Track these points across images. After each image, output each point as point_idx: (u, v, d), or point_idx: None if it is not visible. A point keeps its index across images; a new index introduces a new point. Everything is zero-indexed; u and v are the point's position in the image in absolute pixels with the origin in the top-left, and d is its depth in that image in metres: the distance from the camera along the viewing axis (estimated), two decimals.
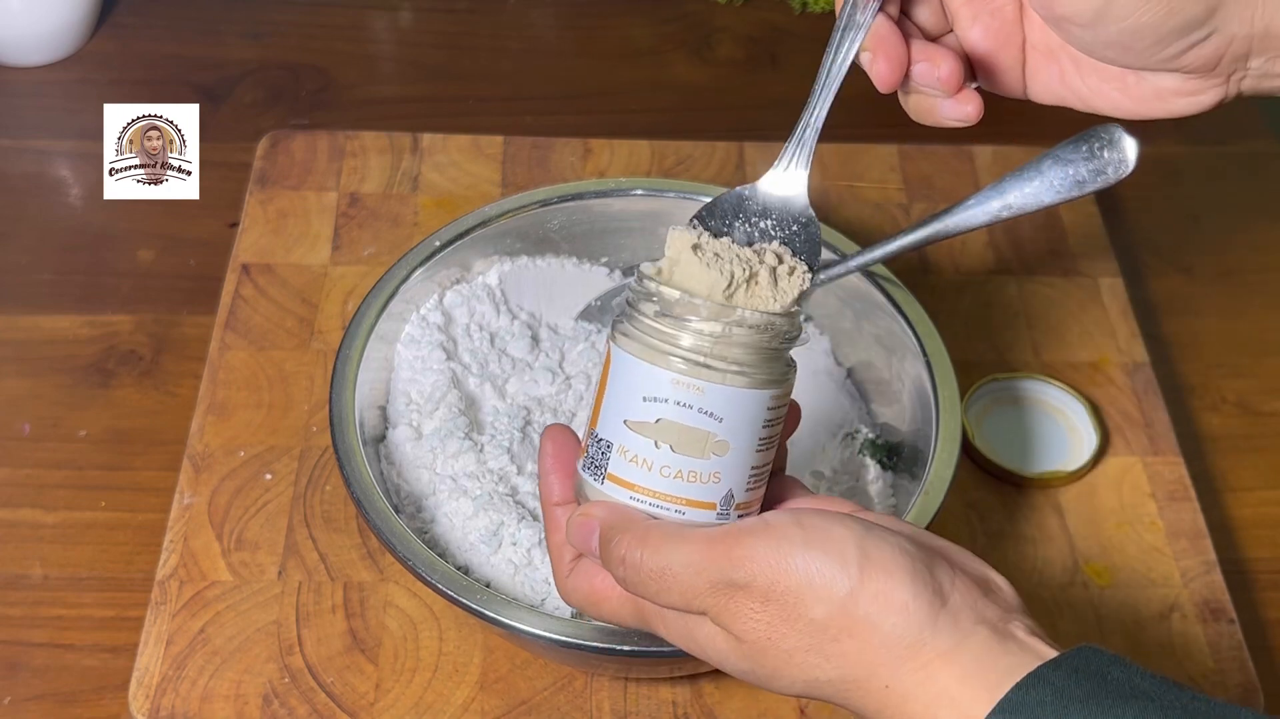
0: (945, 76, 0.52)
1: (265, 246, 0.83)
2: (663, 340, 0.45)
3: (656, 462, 0.45)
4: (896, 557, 0.43)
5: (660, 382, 0.45)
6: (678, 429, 0.45)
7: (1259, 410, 0.82)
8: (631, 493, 0.46)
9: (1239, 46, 0.50)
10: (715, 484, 0.46)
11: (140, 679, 0.64)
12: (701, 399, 0.45)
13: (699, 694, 0.66)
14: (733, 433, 0.45)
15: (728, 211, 0.57)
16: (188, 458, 0.72)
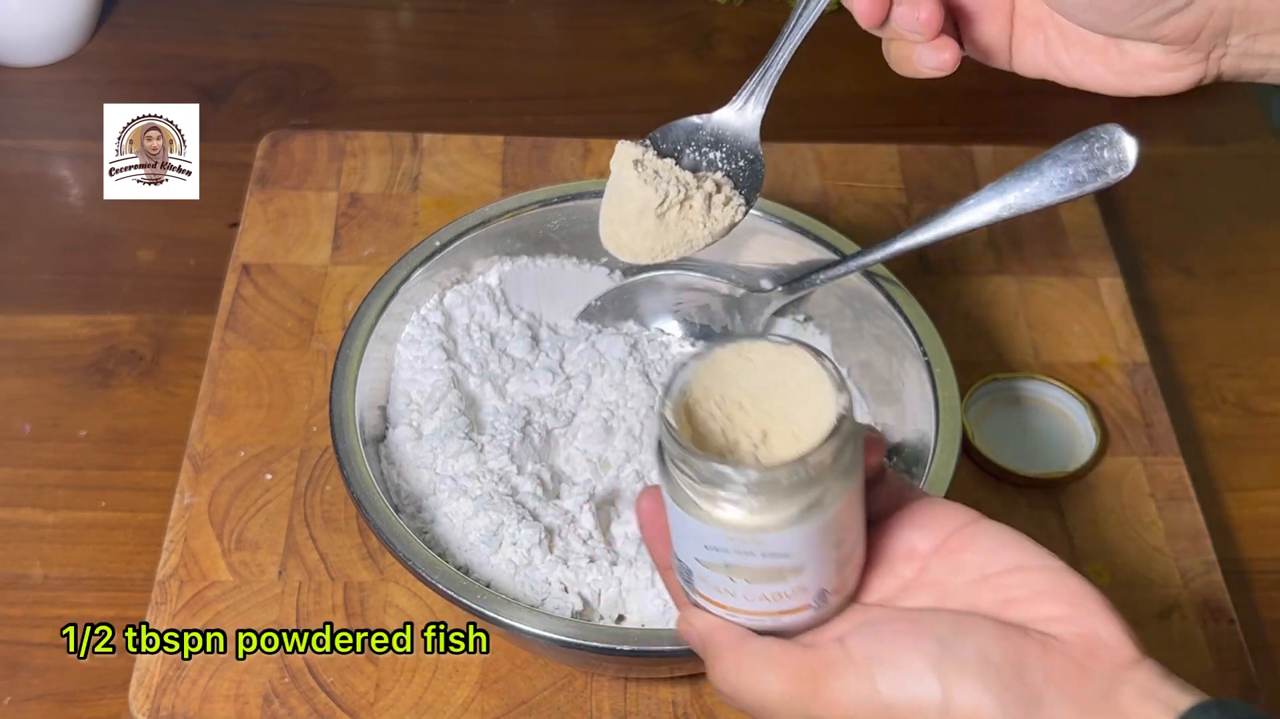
0: (925, 19, 0.51)
1: (265, 246, 0.83)
2: (704, 498, 0.42)
3: (737, 591, 0.44)
4: (980, 671, 0.41)
5: (715, 537, 0.43)
6: (747, 570, 0.43)
7: (1259, 410, 0.82)
8: (722, 611, 0.45)
9: (1219, 19, 0.49)
10: (803, 594, 0.44)
11: (140, 679, 0.64)
12: (760, 547, 0.42)
13: (699, 694, 0.66)
14: (806, 558, 0.43)
15: (680, 137, 0.58)
16: (188, 458, 0.72)
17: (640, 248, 0.60)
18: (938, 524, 0.46)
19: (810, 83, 1.01)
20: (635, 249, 0.60)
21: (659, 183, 0.57)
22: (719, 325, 0.75)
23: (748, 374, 0.44)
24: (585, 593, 0.63)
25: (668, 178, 0.57)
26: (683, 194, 0.57)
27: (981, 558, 0.44)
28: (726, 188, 0.58)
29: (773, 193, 0.85)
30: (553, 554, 0.64)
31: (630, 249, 0.60)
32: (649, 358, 0.73)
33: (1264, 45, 0.50)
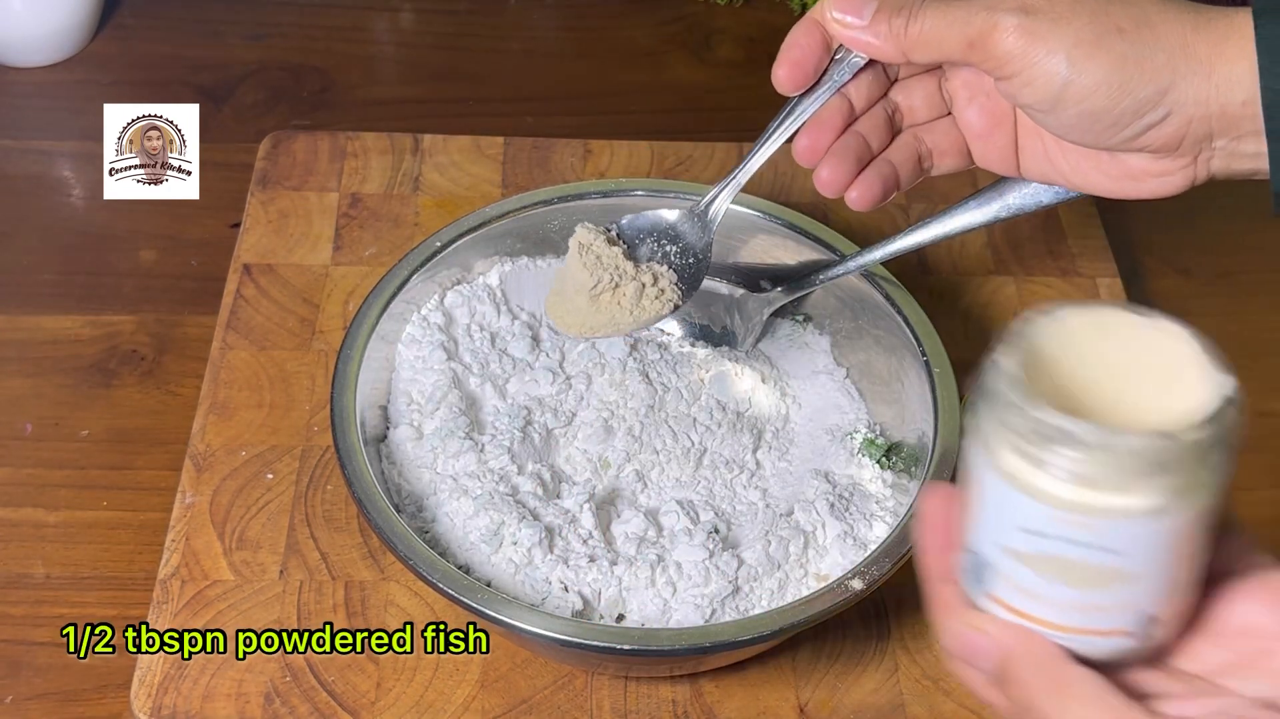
0: (824, 179, 0.57)
1: (267, 247, 0.83)
2: (1035, 464, 0.36)
3: (1046, 593, 0.37)
4: None
5: (1038, 514, 0.36)
6: (1068, 564, 0.37)
7: (1259, 410, 0.82)
8: (1022, 619, 0.38)
9: (1199, 127, 0.51)
10: (1124, 613, 0.38)
11: (142, 678, 0.64)
12: (1093, 535, 0.36)
13: (699, 693, 0.66)
14: (1143, 563, 0.36)
15: (643, 227, 0.65)
16: (189, 457, 0.72)
17: (571, 322, 0.65)
18: None
19: None
20: (567, 322, 0.65)
21: (598, 268, 0.63)
22: (719, 325, 0.75)
23: (1102, 344, 0.38)
24: (585, 592, 0.63)
25: (608, 265, 0.63)
26: (615, 282, 0.63)
27: None
28: (665, 281, 0.64)
29: (773, 193, 0.86)
30: (553, 554, 0.64)
31: (563, 321, 0.65)
32: (649, 358, 0.73)
33: (1248, 146, 0.51)
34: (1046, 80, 0.50)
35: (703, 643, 0.58)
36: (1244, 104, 0.50)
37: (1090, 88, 0.50)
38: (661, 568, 0.63)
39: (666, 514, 0.67)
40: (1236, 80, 0.49)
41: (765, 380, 0.74)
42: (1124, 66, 0.49)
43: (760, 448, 0.71)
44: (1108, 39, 0.49)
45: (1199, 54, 0.50)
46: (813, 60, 0.56)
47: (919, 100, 0.58)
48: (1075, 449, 0.35)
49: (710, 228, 0.65)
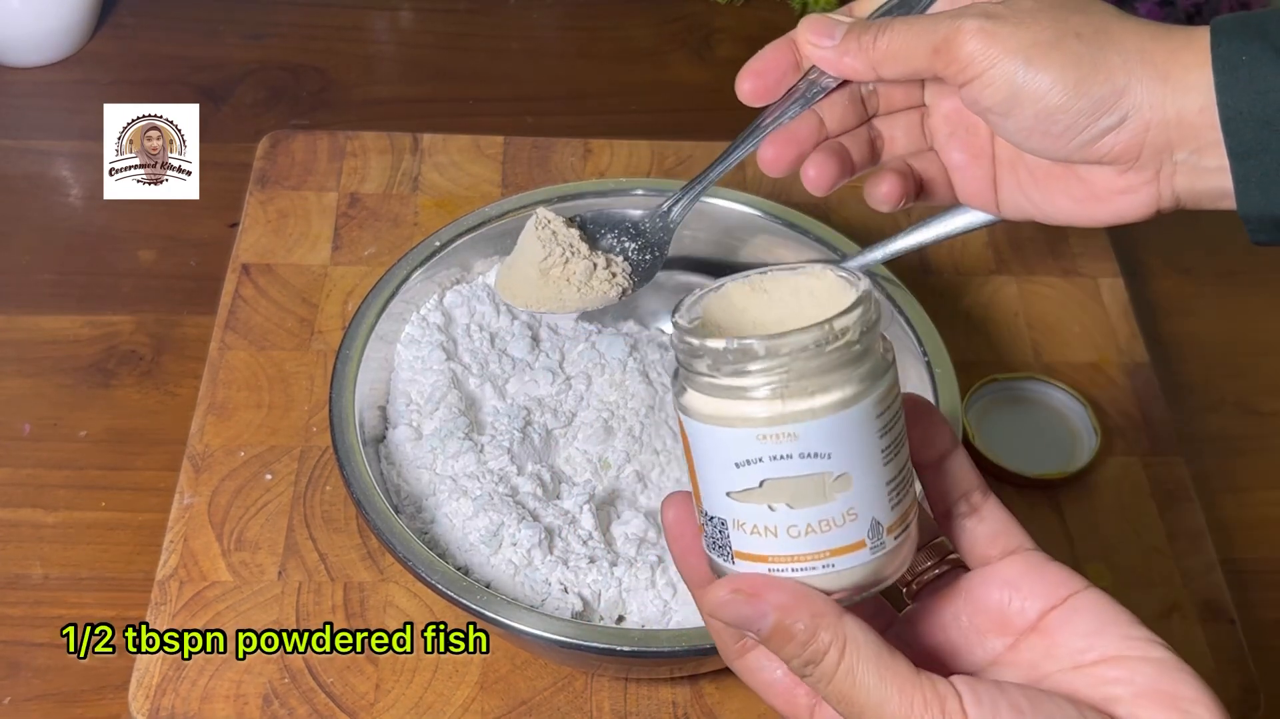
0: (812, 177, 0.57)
1: (265, 247, 0.83)
2: (728, 396, 0.39)
3: (780, 525, 0.40)
4: None
5: (746, 442, 0.39)
6: (787, 484, 0.39)
7: (1259, 410, 0.82)
8: (767, 565, 0.40)
9: (1157, 135, 0.51)
10: (854, 522, 0.40)
11: (140, 679, 0.64)
12: (798, 444, 0.39)
13: (699, 694, 0.66)
14: (850, 462, 0.39)
15: (607, 222, 0.67)
16: (188, 458, 0.72)
17: (518, 293, 0.66)
18: (1039, 591, 0.42)
19: None
20: (514, 293, 0.67)
21: (551, 243, 0.65)
22: None
23: (763, 307, 0.42)
24: (585, 593, 0.63)
25: (562, 241, 0.65)
26: (566, 258, 0.65)
27: (1080, 642, 0.41)
28: (616, 267, 0.66)
29: (773, 193, 0.85)
30: (553, 555, 0.64)
31: (510, 292, 0.67)
32: (649, 358, 0.73)
33: (1210, 160, 0.51)
34: (1005, 79, 0.51)
35: (703, 644, 0.58)
36: (1200, 111, 0.50)
37: (1046, 86, 0.51)
38: (661, 569, 0.63)
39: None
40: (1192, 85, 0.50)
41: None
42: (1080, 65, 0.50)
43: None
44: (1065, 41, 0.51)
45: (1155, 59, 0.51)
46: (776, 74, 0.57)
47: (900, 133, 0.59)
48: (756, 365, 0.38)
49: (670, 229, 0.66)
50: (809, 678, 0.40)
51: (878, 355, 0.40)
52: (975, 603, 0.43)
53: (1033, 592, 0.42)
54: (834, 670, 0.40)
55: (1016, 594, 0.43)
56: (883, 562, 0.41)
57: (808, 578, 0.40)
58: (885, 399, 0.40)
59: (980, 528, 0.44)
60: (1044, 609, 0.42)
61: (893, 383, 0.40)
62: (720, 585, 0.41)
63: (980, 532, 0.44)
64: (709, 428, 0.40)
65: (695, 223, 0.75)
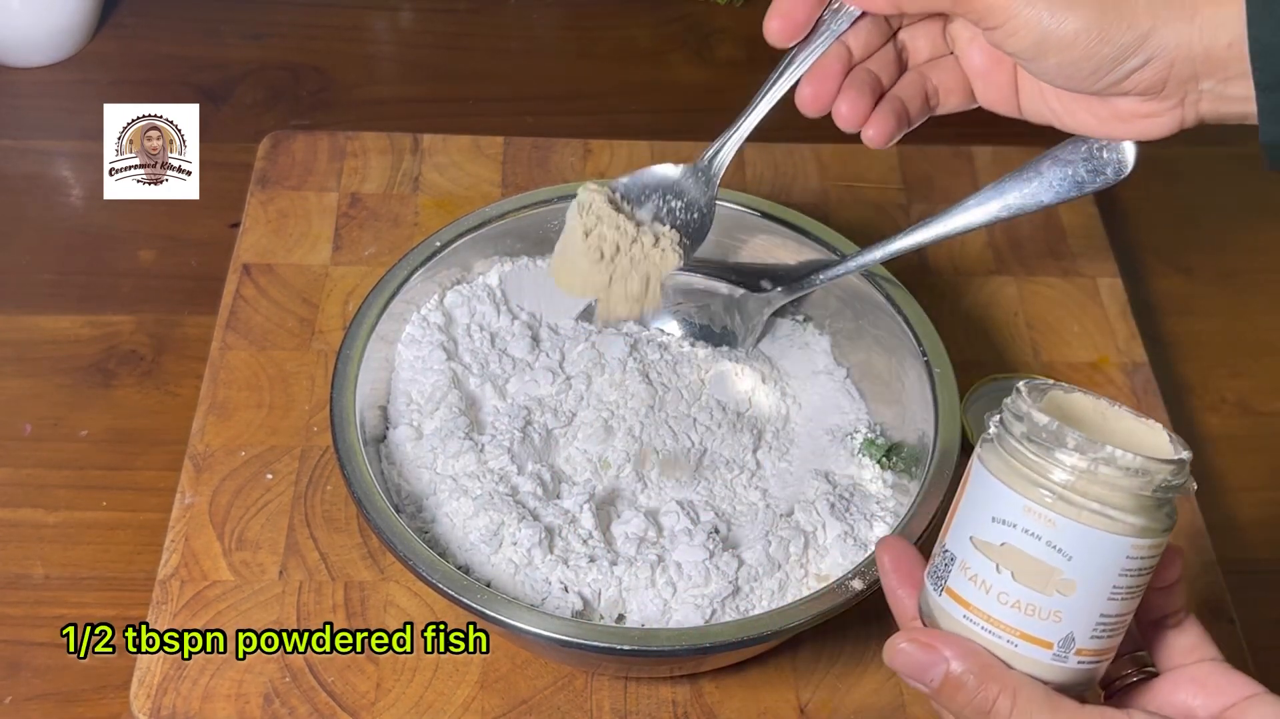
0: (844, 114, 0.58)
1: (266, 247, 0.83)
2: (1023, 464, 0.43)
3: (995, 586, 0.43)
4: None
5: (1012, 504, 0.43)
6: (1022, 558, 0.43)
7: (1258, 410, 0.82)
8: (965, 611, 0.44)
9: (1182, 69, 0.52)
10: (1055, 623, 0.43)
11: (141, 679, 0.64)
12: (1052, 532, 0.42)
13: (699, 693, 0.66)
14: (1083, 575, 0.43)
15: (649, 184, 0.67)
16: (189, 458, 0.72)
17: (575, 283, 0.67)
18: (1222, 691, 0.47)
19: None
20: (571, 284, 0.67)
21: (598, 228, 0.65)
22: (719, 325, 0.75)
23: (1094, 420, 0.46)
24: (585, 593, 0.63)
25: (609, 225, 0.65)
26: (616, 244, 0.65)
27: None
28: (666, 241, 0.66)
29: (773, 193, 0.86)
30: (553, 554, 0.64)
31: (567, 283, 0.67)
32: (649, 358, 0.73)
33: (1236, 89, 0.52)
34: (1028, 29, 0.51)
35: (703, 643, 0.58)
36: (1229, 45, 0.50)
37: (1070, 36, 0.51)
38: (661, 568, 0.63)
39: (666, 514, 0.67)
40: (1221, 23, 0.50)
41: (765, 380, 0.73)
42: (1104, 14, 0.50)
43: (760, 448, 0.71)
44: None
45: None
46: (804, 12, 0.58)
47: (923, 41, 0.60)
48: (1060, 449, 0.42)
49: (714, 182, 0.66)
50: None
51: (1160, 515, 0.44)
52: (1163, 699, 0.48)
53: (1218, 690, 0.47)
54: (1008, 716, 0.43)
55: (1202, 692, 0.47)
56: (1061, 673, 0.44)
57: (991, 643, 0.44)
58: (1143, 550, 0.43)
59: (1180, 639, 0.49)
60: (1225, 706, 0.46)
61: (1158, 544, 0.44)
62: (900, 636, 0.45)
63: (1180, 643, 0.49)
64: (990, 478, 0.44)
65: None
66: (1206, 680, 0.47)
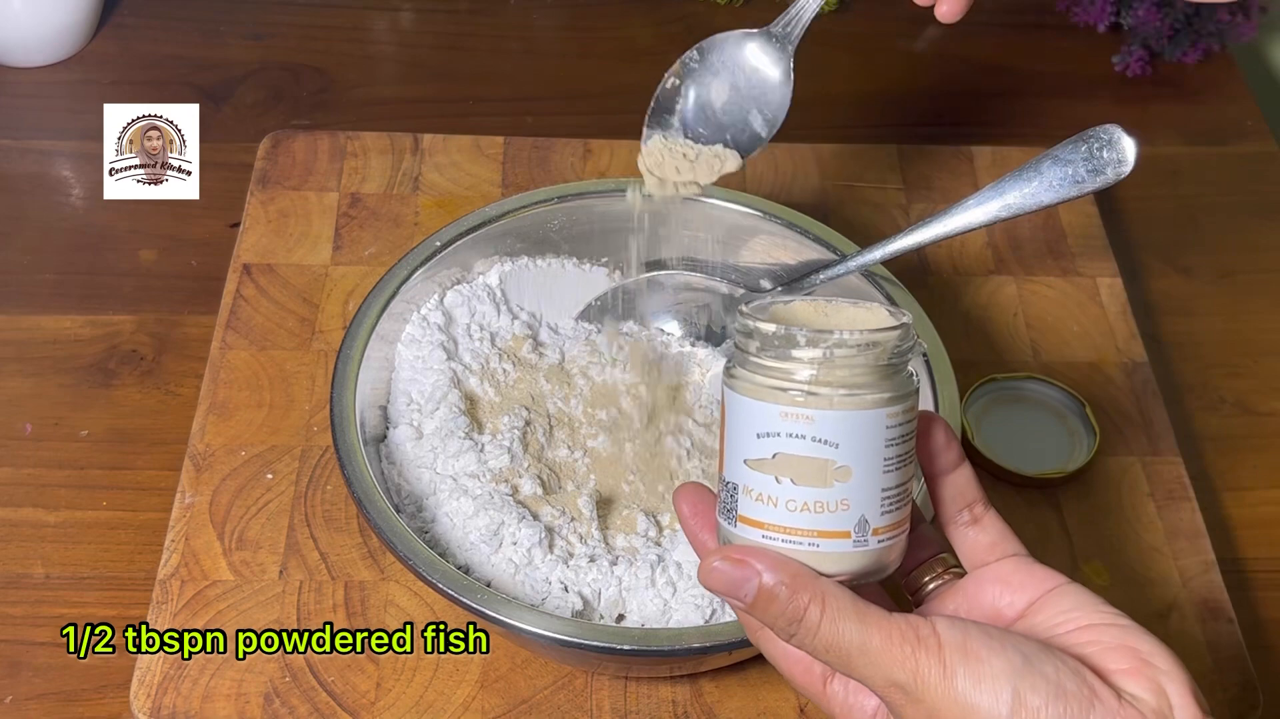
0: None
1: (266, 247, 0.83)
2: (766, 375, 0.44)
3: (781, 497, 0.44)
4: (1053, 693, 0.42)
5: (770, 416, 0.44)
6: (795, 461, 0.44)
7: (1258, 410, 0.82)
8: (762, 531, 0.45)
9: None
10: (845, 512, 0.44)
11: (142, 678, 0.64)
12: (813, 428, 0.44)
13: (699, 693, 0.66)
14: (854, 458, 0.44)
15: (715, 65, 0.70)
16: (189, 457, 0.72)
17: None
18: (1025, 586, 0.47)
19: (810, 83, 1.01)
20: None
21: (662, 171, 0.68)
22: (719, 325, 0.75)
23: (819, 320, 0.47)
24: (585, 592, 0.63)
25: (671, 162, 0.68)
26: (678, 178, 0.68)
27: (1058, 618, 0.46)
28: (728, 158, 0.68)
29: (773, 193, 0.86)
30: (553, 553, 0.64)
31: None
32: (649, 357, 0.73)
33: None
34: None
35: (703, 643, 0.58)
36: None
37: None
38: (661, 568, 0.63)
39: (666, 514, 0.67)
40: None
41: None
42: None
43: None
44: None
45: None
46: None
47: None
48: (794, 348, 0.44)
49: (789, 49, 0.67)
50: (795, 638, 0.44)
51: (901, 379, 0.45)
52: (971, 599, 0.48)
53: (1022, 586, 0.47)
54: (817, 625, 0.43)
55: (1007, 589, 0.47)
56: (865, 558, 0.45)
57: (794, 551, 0.45)
58: (898, 417, 0.45)
59: (980, 536, 0.49)
60: (1031, 600, 0.47)
61: (909, 407, 0.45)
62: (711, 554, 0.45)
63: (980, 540, 0.49)
64: (744, 399, 0.45)
65: (695, 223, 0.75)
66: (1010, 577, 0.47)
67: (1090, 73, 1.03)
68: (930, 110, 0.99)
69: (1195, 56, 1.02)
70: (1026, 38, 1.05)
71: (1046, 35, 1.06)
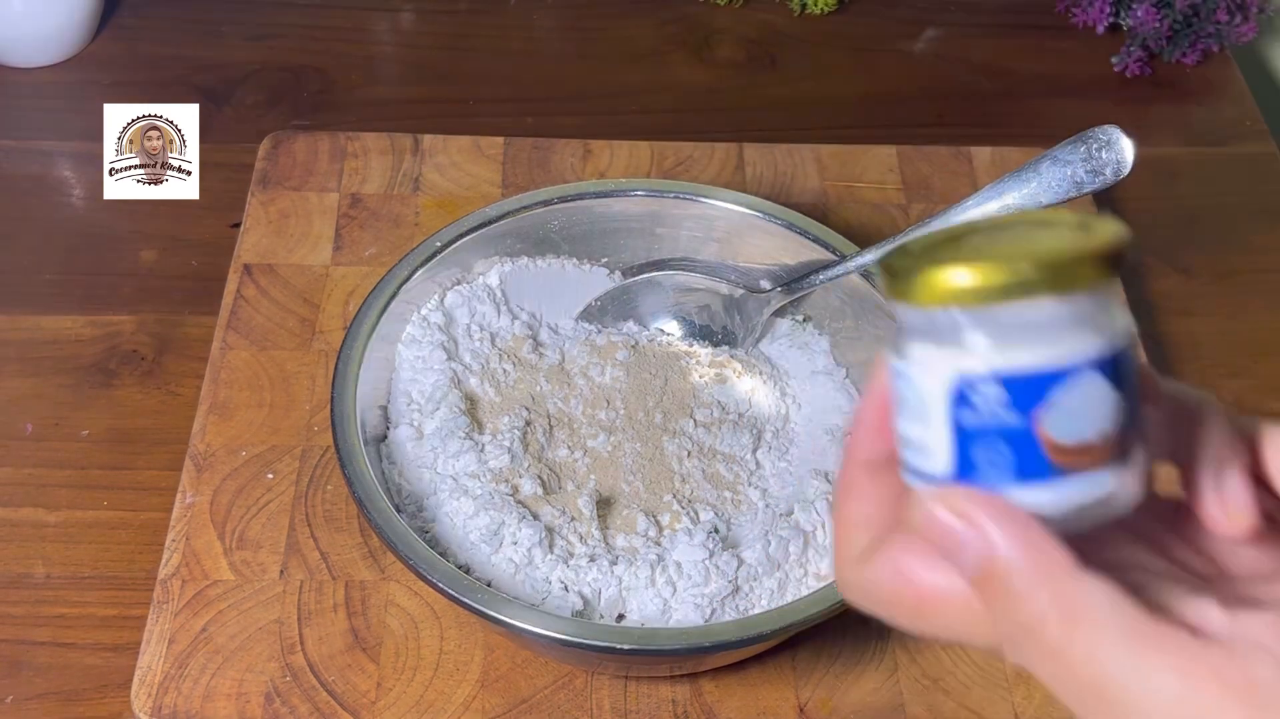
0: None
1: (267, 247, 0.83)
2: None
3: None
4: None
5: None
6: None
7: (1257, 411, 0.82)
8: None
9: None
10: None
11: (143, 678, 0.64)
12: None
13: (699, 692, 0.66)
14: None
15: None
16: (190, 457, 0.72)
17: None
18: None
19: (810, 83, 1.02)
20: None
21: None
22: (719, 325, 0.75)
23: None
24: (585, 592, 0.63)
25: None
26: None
27: None
28: None
29: (773, 193, 0.86)
30: (553, 553, 0.64)
31: None
32: (649, 358, 0.73)
33: None
34: None
35: (703, 643, 0.59)
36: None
37: None
38: (661, 567, 0.63)
39: (666, 514, 0.67)
40: None
41: (765, 380, 0.74)
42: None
43: (760, 448, 0.71)
44: None
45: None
46: None
47: None
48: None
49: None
50: (1008, 642, 0.31)
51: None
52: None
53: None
54: (1056, 646, 0.30)
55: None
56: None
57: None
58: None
59: None
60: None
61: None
62: (943, 496, 0.32)
63: None
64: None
65: (694, 223, 0.75)
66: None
67: (1089, 73, 1.03)
68: (929, 111, 0.99)
69: (1194, 57, 1.02)
70: (1025, 38, 1.05)
71: (1045, 36, 1.06)
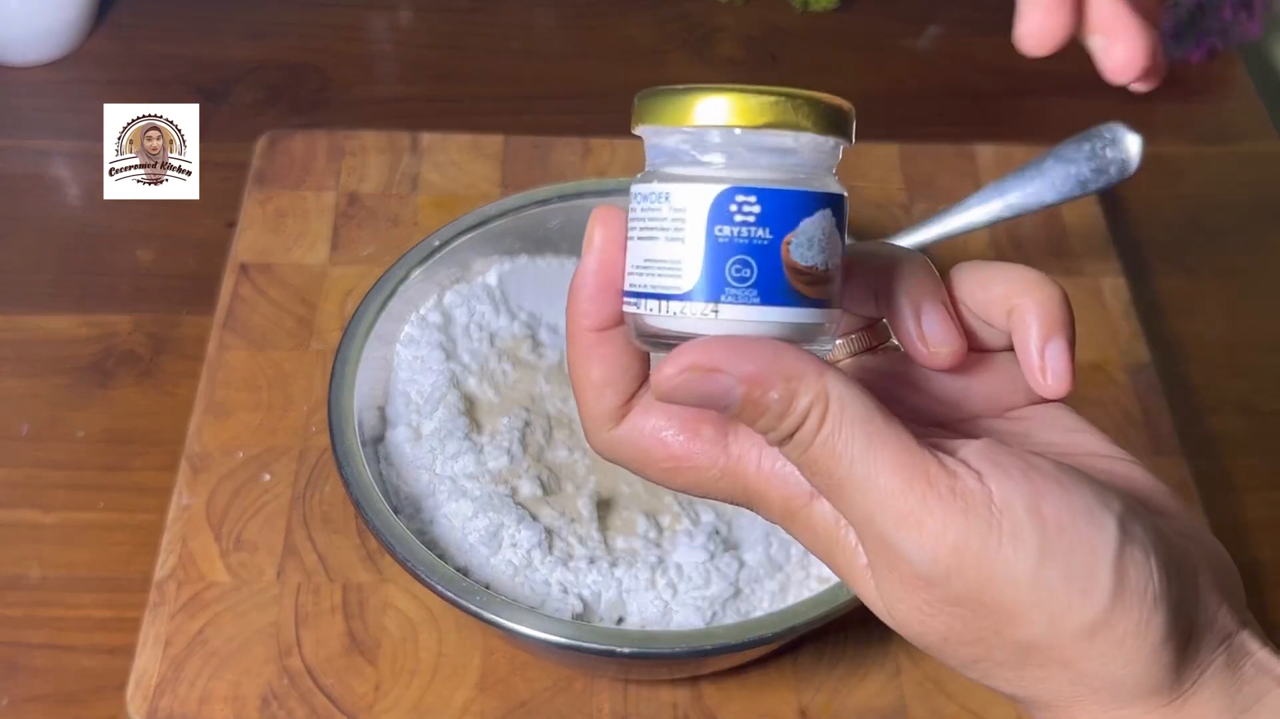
0: None
1: (264, 246, 0.82)
2: None
3: None
4: (1160, 589, 0.32)
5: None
6: None
7: (1262, 410, 0.82)
8: None
9: None
10: None
11: (138, 680, 0.64)
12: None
13: (699, 696, 0.65)
14: None
15: None
16: (186, 458, 0.72)
17: None
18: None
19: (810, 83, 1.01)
20: None
21: None
22: None
23: None
24: (585, 594, 0.62)
25: None
26: None
27: (1053, 437, 0.38)
28: None
29: None
30: (552, 555, 0.63)
31: None
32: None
33: None
34: None
35: (703, 646, 0.58)
36: None
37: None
38: (662, 570, 0.63)
39: (666, 515, 0.66)
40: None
41: None
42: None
43: None
44: None
45: None
46: None
47: None
48: None
49: None
50: (785, 448, 0.34)
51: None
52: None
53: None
54: (811, 439, 0.33)
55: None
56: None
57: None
58: None
59: None
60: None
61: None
62: (668, 363, 0.34)
63: None
64: None
65: None
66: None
67: (1093, 71, 1.03)
68: (932, 109, 0.99)
69: (1199, 55, 1.01)
70: None
71: None
